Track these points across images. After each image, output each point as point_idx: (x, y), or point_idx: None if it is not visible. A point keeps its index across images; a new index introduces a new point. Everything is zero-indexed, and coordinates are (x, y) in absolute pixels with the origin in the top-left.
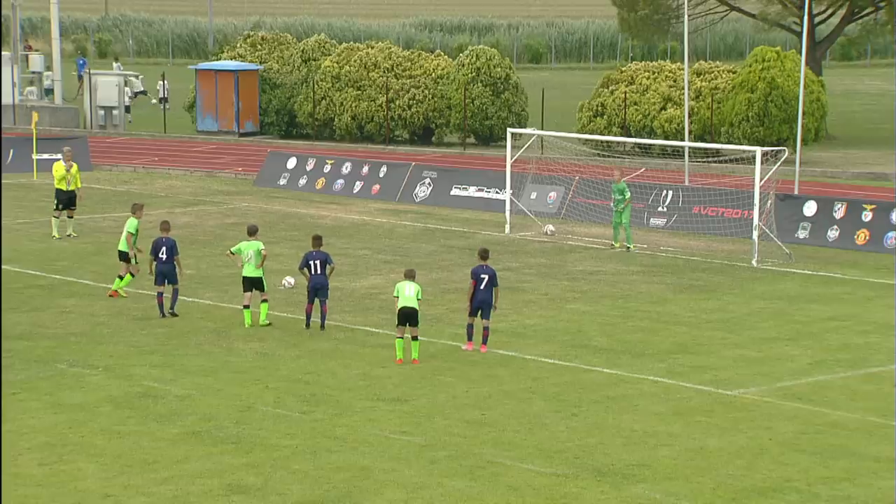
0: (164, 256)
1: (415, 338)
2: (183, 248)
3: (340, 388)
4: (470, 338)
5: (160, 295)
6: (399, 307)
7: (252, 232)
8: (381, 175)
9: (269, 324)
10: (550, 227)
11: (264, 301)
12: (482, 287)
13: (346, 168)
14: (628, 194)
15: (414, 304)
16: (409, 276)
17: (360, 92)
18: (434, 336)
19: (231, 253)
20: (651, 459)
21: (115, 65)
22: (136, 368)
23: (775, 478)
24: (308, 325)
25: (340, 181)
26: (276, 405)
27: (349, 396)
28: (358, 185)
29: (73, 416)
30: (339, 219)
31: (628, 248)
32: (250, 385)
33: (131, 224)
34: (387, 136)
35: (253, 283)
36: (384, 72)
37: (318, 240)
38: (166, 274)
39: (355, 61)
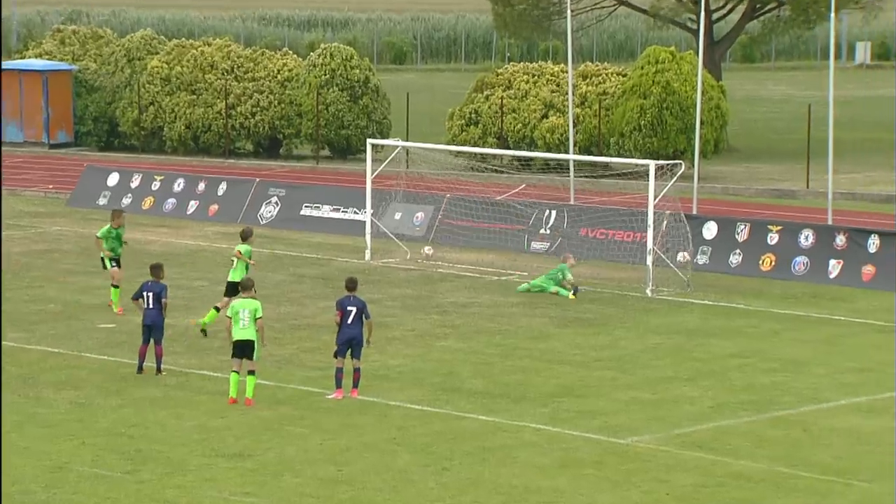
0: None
1: (251, 373)
2: None
3: (171, 443)
4: (339, 384)
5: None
6: (234, 338)
7: (247, 287)
8: (220, 193)
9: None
10: (429, 249)
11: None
12: (350, 322)
13: (179, 185)
14: (569, 276)
15: (251, 333)
16: (246, 287)
17: (194, 97)
18: (282, 380)
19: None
20: None
21: None
22: None
23: None
24: (140, 368)
25: (172, 200)
26: (95, 464)
27: (182, 452)
28: (193, 205)
29: None
30: (170, 244)
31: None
32: (63, 441)
33: (101, 230)
34: (226, 147)
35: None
36: (223, 73)
37: (156, 269)
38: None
39: (188, 61)
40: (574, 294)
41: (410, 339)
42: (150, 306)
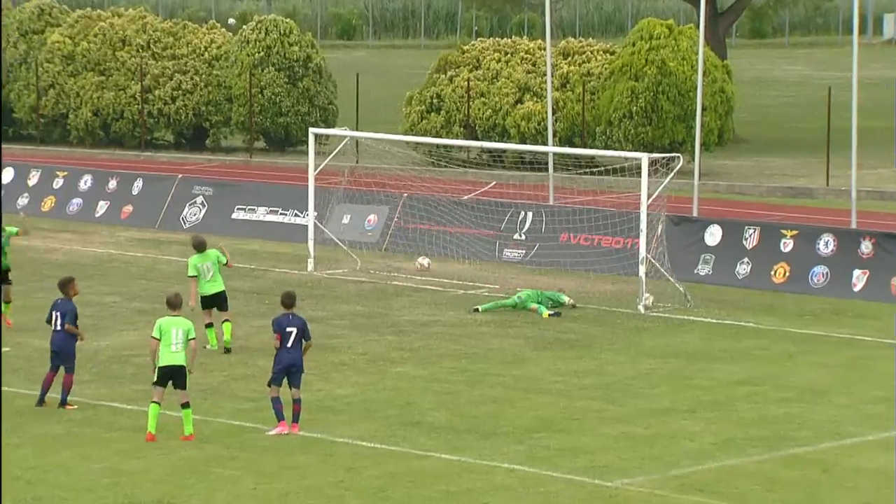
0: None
1: (186, 405)
2: None
3: (76, 489)
4: (281, 416)
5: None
6: (161, 363)
7: (175, 305)
8: (136, 192)
9: (229, 350)
10: (424, 261)
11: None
12: (289, 345)
13: (86, 182)
14: (564, 299)
15: (184, 358)
16: (174, 305)
17: (103, 78)
18: (210, 413)
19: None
20: None
21: None
22: None
23: None
24: (42, 401)
25: (77, 201)
26: None
27: (89, 500)
28: (102, 207)
29: None
30: (74, 253)
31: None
32: None
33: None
34: (142, 138)
35: (173, 376)
36: (138, 50)
37: (66, 284)
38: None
39: (96, 35)
40: (551, 314)
41: (361, 364)
42: (58, 328)
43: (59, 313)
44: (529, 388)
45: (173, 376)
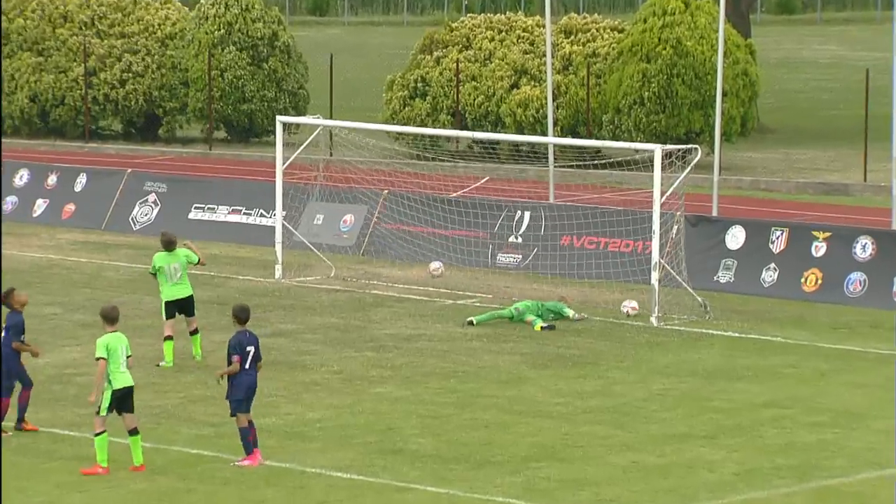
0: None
1: (134, 432)
2: None
3: None
4: (254, 445)
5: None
6: (115, 385)
7: (113, 320)
8: (79, 189)
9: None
10: (437, 268)
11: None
12: (247, 366)
13: (22, 178)
14: (569, 312)
15: (130, 379)
16: (112, 319)
17: (42, 59)
18: (163, 440)
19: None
20: None
21: None
22: None
23: None
24: None
25: (12, 199)
26: None
27: None
28: (41, 205)
29: None
30: (9, 258)
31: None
32: None
33: None
34: (86, 127)
35: (126, 400)
36: (81, 27)
37: (7, 296)
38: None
39: (33, 11)
40: (544, 327)
41: (336, 384)
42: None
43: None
44: (527, 412)
45: (126, 400)
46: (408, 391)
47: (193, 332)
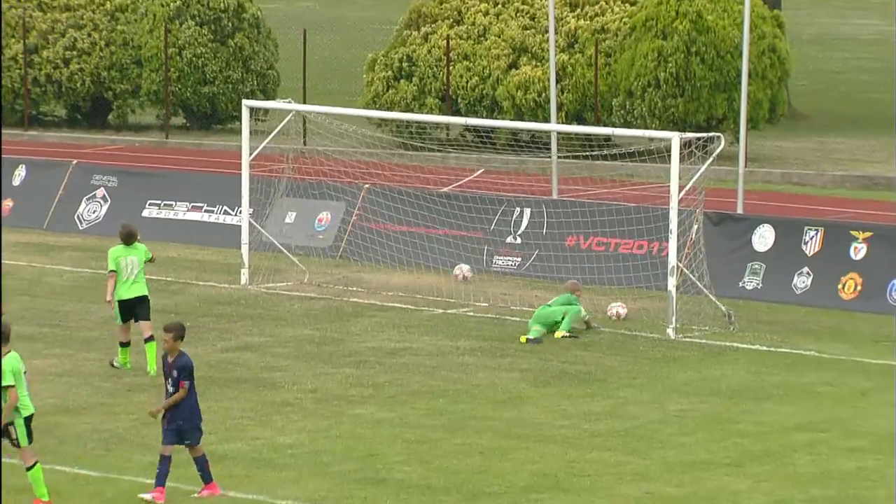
0: None
1: (31, 467)
2: None
3: None
4: (161, 481)
5: None
6: (25, 413)
7: (130, 236)
8: (17, 182)
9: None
10: (464, 271)
11: (150, 340)
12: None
13: None
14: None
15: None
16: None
17: None
18: (112, 468)
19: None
20: None
21: None
22: None
23: None
24: None
25: None
26: None
27: None
28: None
29: None
30: None
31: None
32: None
33: None
34: (26, 113)
35: (134, 308)
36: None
37: None
38: None
39: None
40: (566, 334)
41: (310, 404)
42: None
43: None
44: (527, 436)
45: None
46: (392, 412)
47: (148, 340)
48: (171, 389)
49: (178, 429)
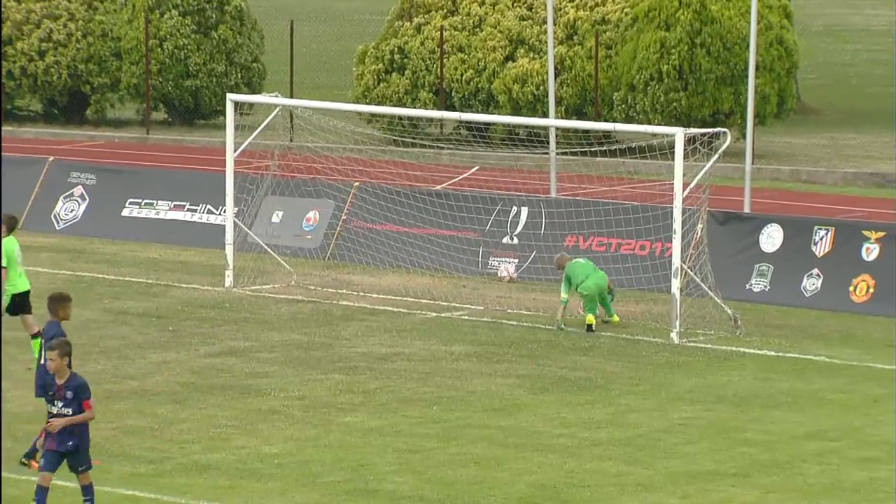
0: None
1: None
2: None
3: None
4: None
5: None
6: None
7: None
8: None
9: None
10: (509, 271)
11: (37, 335)
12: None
13: None
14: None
15: None
16: None
17: None
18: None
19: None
20: None
21: None
22: None
23: None
24: None
25: None
26: None
27: None
28: None
29: None
30: None
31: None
32: None
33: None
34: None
35: (24, 303)
36: None
37: None
38: None
39: None
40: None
41: (297, 412)
42: None
43: None
44: (524, 444)
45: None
46: (383, 421)
47: (35, 337)
48: (67, 412)
49: (69, 453)
